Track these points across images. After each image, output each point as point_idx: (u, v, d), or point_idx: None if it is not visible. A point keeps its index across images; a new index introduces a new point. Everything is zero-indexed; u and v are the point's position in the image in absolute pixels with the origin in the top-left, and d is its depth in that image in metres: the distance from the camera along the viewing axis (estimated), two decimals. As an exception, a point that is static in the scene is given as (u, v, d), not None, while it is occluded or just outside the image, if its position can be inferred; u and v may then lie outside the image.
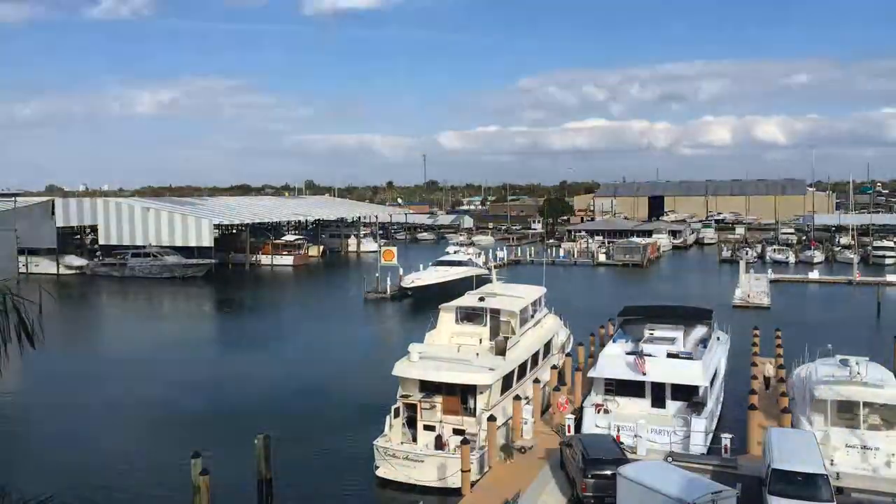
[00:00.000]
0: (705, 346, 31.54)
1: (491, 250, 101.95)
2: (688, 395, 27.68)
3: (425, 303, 51.31)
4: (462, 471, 23.65)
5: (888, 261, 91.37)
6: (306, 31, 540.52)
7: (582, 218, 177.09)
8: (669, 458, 24.13)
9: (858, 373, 25.96)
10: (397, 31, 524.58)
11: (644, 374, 27.77)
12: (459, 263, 72.63)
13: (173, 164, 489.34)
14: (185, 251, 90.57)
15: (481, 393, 26.52)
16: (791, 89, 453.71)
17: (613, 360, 29.20)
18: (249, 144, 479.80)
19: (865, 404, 25.19)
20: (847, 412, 25.56)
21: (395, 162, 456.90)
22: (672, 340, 31.27)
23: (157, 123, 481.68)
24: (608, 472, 21.06)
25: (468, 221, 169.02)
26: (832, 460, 23.67)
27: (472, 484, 23.68)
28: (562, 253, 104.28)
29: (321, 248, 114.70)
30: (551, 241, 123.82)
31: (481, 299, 32.94)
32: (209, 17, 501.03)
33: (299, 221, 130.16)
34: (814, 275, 78.95)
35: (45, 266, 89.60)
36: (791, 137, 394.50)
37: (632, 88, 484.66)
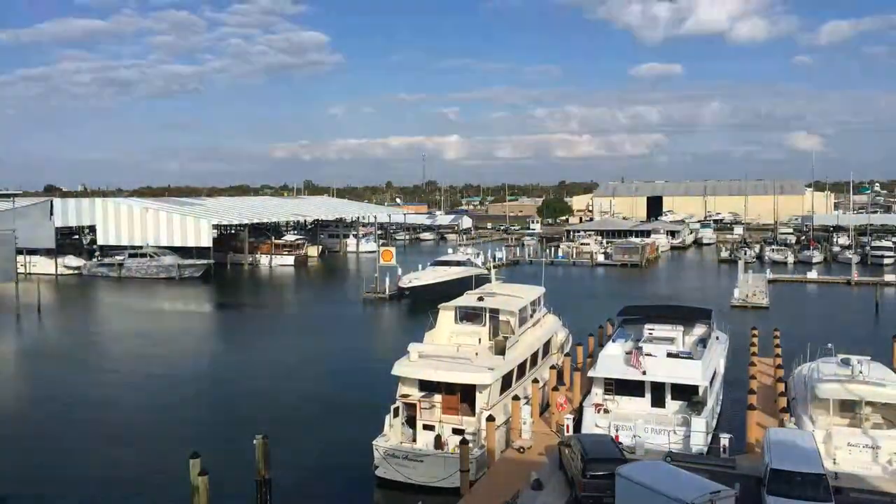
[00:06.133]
0: (705, 346, 31.55)
1: (489, 250, 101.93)
2: (688, 395, 27.66)
3: (423, 303, 51.24)
4: (461, 471, 23.60)
5: (886, 260, 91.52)
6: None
7: (580, 218, 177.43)
8: (668, 458, 24.08)
9: (861, 372, 25.96)
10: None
11: (643, 371, 27.76)
12: (458, 263, 72.52)
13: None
14: (184, 251, 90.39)
15: (481, 392, 26.47)
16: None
17: (614, 360, 29.19)
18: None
19: (868, 403, 25.19)
20: (849, 411, 25.58)
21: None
22: (672, 340, 31.29)
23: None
24: (607, 472, 21.04)
25: (467, 222, 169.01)
26: (834, 459, 23.66)
27: (471, 484, 23.65)
28: (560, 253, 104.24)
29: (320, 248, 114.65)
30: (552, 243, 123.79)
31: (480, 299, 32.89)
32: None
33: (298, 221, 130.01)
34: (812, 275, 79.14)
35: (43, 266, 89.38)
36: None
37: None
